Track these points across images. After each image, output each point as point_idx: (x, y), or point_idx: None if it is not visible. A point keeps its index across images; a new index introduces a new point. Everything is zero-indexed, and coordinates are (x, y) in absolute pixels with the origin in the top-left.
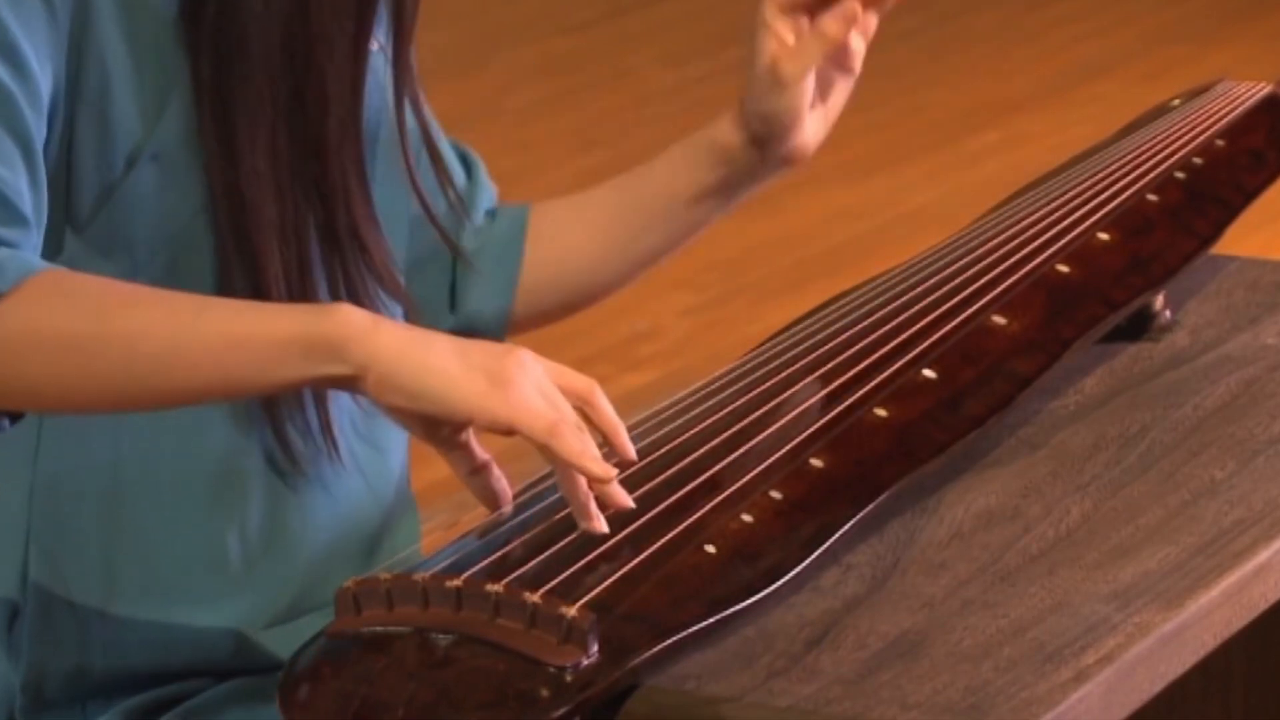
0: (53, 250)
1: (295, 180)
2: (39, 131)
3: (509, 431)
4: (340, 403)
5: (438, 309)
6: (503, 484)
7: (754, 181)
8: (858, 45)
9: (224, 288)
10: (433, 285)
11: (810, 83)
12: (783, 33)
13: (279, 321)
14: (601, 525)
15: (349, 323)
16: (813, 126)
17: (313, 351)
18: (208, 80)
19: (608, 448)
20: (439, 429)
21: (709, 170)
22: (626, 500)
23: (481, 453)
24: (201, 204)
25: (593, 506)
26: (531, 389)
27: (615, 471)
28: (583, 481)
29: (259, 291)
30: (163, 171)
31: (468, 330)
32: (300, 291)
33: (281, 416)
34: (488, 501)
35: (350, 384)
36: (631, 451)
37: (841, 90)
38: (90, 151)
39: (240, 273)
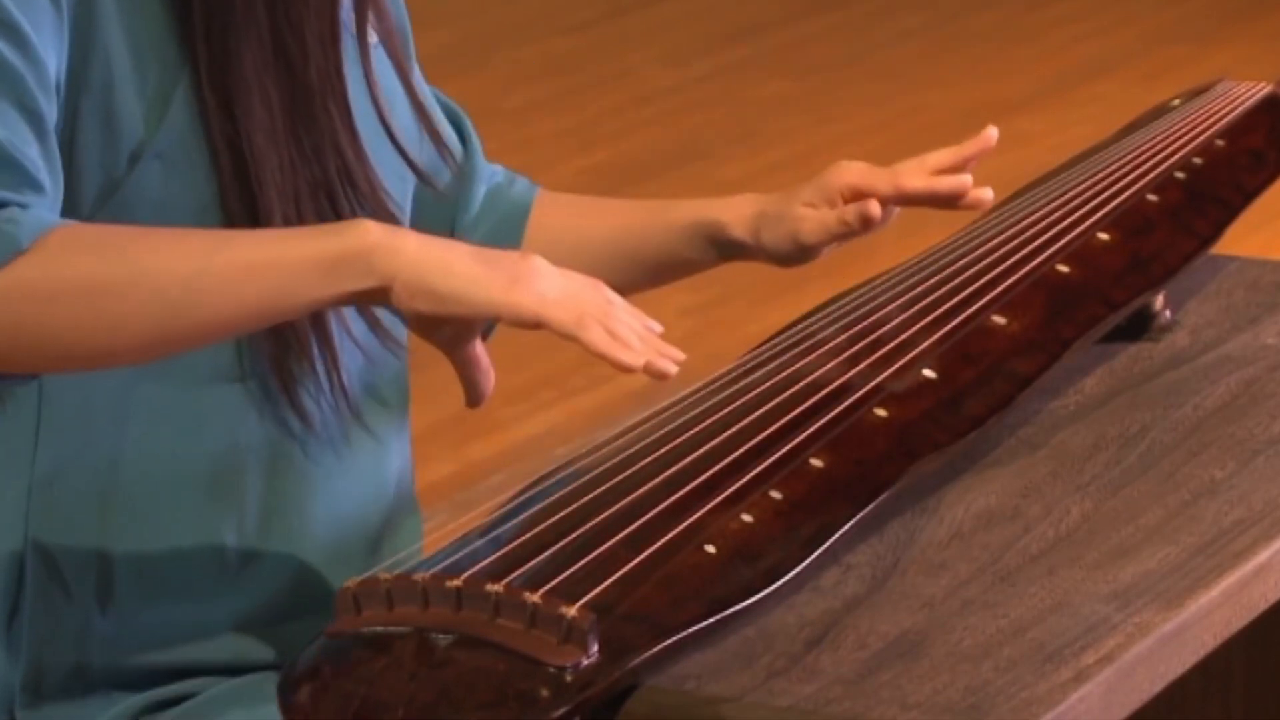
0: None
1: (303, 170)
2: (49, 110)
3: (536, 325)
4: (348, 373)
5: None
6: (490, 377)
7: (745, 259)
8: (893, 213)
9: None
10: None
11: (824, 248)
12: (842, 199)
13: (301, 243)
14: (668, 368)
15: (369, 235)
16: (810, 257)
17: (338, 268)
18: (205, 76)
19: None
20: (458, 335)
21: (706, 251)
22: (670, 368)
23: (481, 350)
24: (205, 202)
25: (630, 352)
26: (551, 285)
27: (644, 360)
28: (611, 340)
29: None
30: (167, 169)
31: None
32: None
33: (291, 378)
34: (470, 394)
35: (377, 296)
36: (655, 325)
37: (848, 239)
38: (94, 148)
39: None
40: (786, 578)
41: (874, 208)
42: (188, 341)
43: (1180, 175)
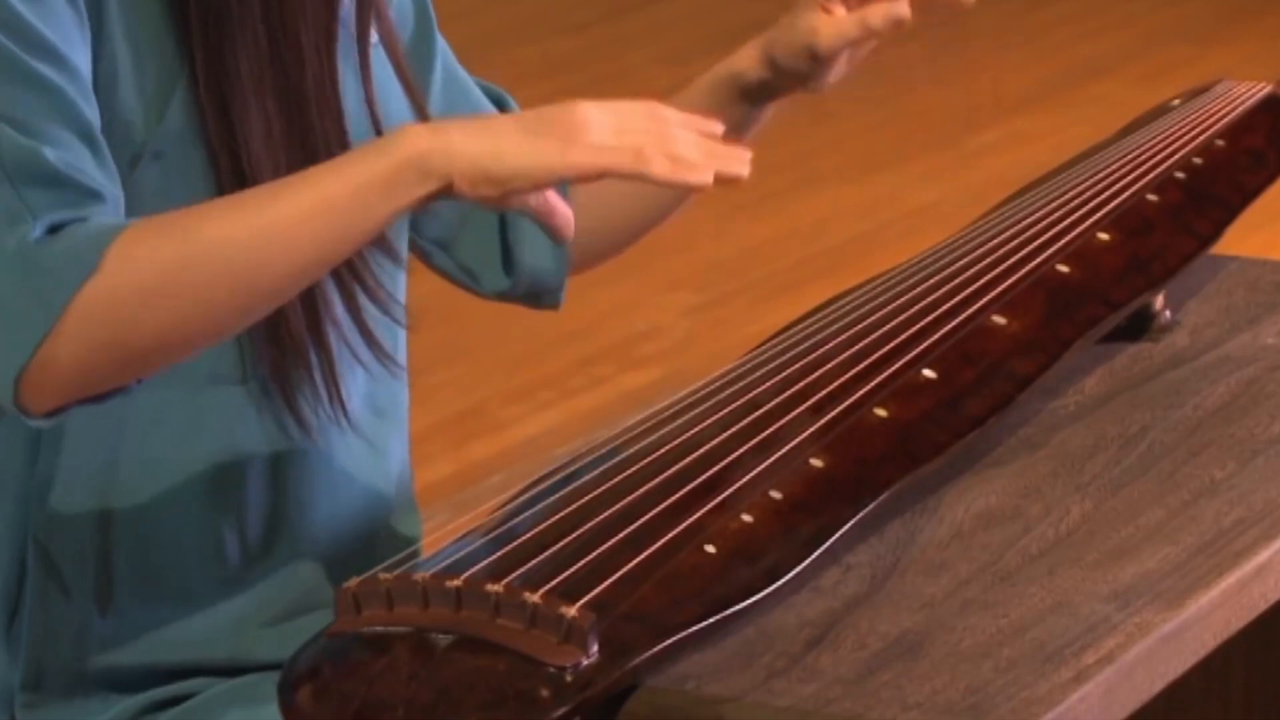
0: None
1: (286, 135)
2: (94, 116)
3: (600, 175)
4: (347, 382)
5: (491, 270)
6: (570, 220)
7: (773, 101)
8: (904, 11)
9: None
10: (483, 246)
11: (842, 54)
12: (830, 4)
13: (352, 172)
14: (740, 168)
15: (417, 142)
16: (837, 71)
17: (393, 184)
18: (201, 73)
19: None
20: (526, 197)
21: (736, 106)
22: (740, 168)
23: (558, 202)
24: (205, 199)
25: (698, 171)
26: (602, 130)
27: (710, 173)
28: (672, 163)
29: None
30: (166, 170)
31: (531, 290)
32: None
33: (290, 384)
34: (554, 234)
35: (441, 194)
36: (715, 126)
37: (869, 44)
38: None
39: None
40: (786, 578)
41: (904, 9)
42: (280, 295)
43: (1180, 175)
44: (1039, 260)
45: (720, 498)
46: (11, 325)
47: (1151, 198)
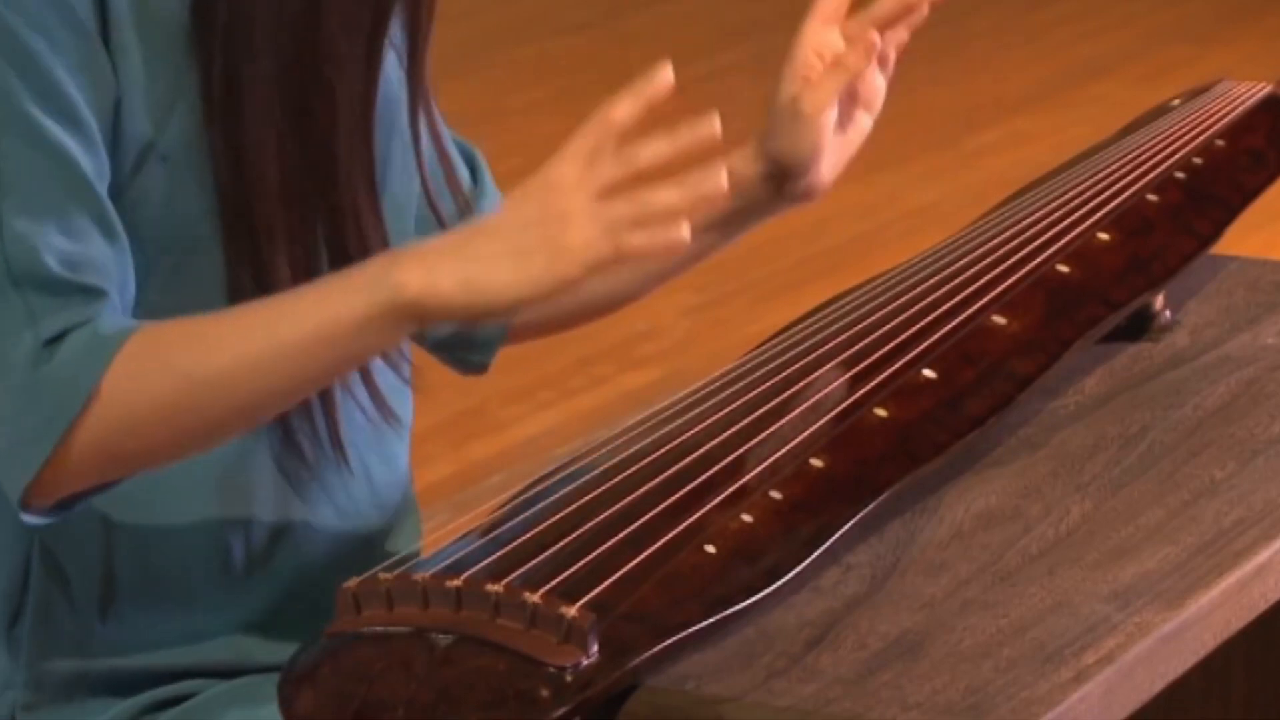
0: None
1: (304, 191)
2: (103, 179)
3: (595, 274)
4: (350, 415)
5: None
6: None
7: (767, 213)
8: (880, 83)
9: (232, 289)
10: None
11: (830, 119)
12: (811, 62)
13: (347, 308)
14: (715, 186)
15: (405, 288)
16: (830, 162)
17: (385, 328)
18: (218, 87)
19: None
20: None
21: (730, 221)
22: (717, 183)
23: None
24: (210, 205)
25: (676, 233)
26: (583, 219)
27: (685, 214)
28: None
29: (267, 294)
30: (171, 173)
31: (466, 336)
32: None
33: (291, 425)
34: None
35: (434, 329)
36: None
37: (860, 128)
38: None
39: (248, 276)
40: (786, 578)
41: (874, 36)
42: (275, 412)
43: (1180, 175)
44: (1039, 260)
45: (720, 498)
46: (19, 443)
47: (1151, 198)
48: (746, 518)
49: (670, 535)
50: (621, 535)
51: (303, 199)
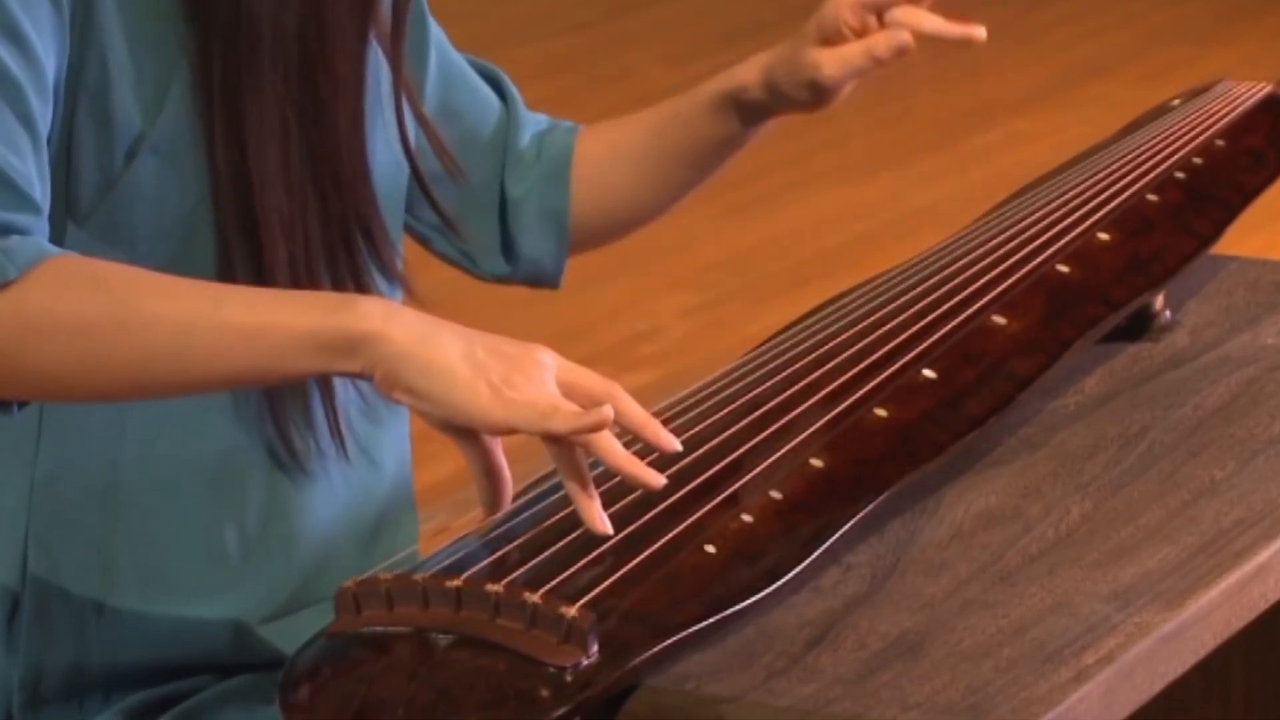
0: (55, 241)
1: (305, 172)
2: (44, 118)
3: (510, 433)
4: (344, 405)
5: (490, 257)
6: (506, 490)
7: (773, 118)
8: (908, 39)
9: (226, 278)
10: (483, 233)
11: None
12: (842, 29)
13: (297, 316)
14: (606, 528)
15: (365, 320)
16: (840, 95)
17: (326, 348)
18: (217, 70)
19: (642, 445)
20: (449, 423)
21: (733, 122)
22: (656, 479)
23: (497, 454)
24: (202, 195)
25: (597, 508)
26: (536, 394)
27: (612, 426)
28: (588, 483)
29: (261, 281)
30: (163, 164)
31: (531, 275)
32: (306, 278)
33: (285, 414)
34: (485, 503)
35: (359, 377)
36: (672, 442)
37: (871, 70)
38: (90, 143)
39: (243, 262)
40: (786, 578)
41: (907, 36)
42: (168, 391)
43: (1180, 175)
44: (1039, 260)
45: (720, 498)
46: None
47: (1151, 198)
48: (746, 518)
49: (670, 535)
50: (621, 535)
51: (302, 183)
